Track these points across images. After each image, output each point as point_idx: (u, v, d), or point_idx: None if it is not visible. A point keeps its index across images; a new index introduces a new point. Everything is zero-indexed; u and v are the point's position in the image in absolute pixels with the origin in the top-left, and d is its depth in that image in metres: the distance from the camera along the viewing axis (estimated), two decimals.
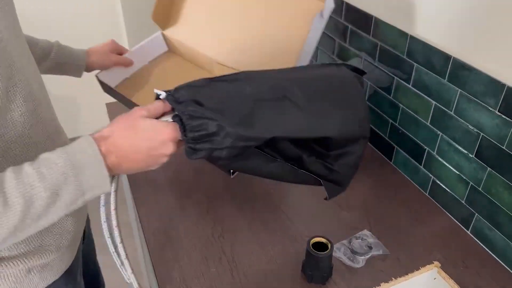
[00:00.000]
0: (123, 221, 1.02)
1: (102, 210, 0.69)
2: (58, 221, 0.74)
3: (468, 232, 1.00)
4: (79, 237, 0.86)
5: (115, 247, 0.73)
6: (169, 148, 0.64)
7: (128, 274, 0.77)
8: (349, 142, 0.78)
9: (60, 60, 1.05)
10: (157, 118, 0.65)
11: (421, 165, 1.11)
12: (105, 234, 0.72)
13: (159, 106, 0.65)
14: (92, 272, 1.10)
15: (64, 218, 0.77)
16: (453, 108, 0.97)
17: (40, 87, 0.75)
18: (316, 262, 0.85)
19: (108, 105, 1.44)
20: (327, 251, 0.85)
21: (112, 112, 1.42)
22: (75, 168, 0.57)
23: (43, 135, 0.73)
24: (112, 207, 0.69)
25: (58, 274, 0.78)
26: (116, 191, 0.66)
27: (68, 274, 0.81)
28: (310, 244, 0.86)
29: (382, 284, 0.88)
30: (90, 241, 1.07)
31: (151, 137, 0.62)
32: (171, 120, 0.65)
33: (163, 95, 0.66)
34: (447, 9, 0.94)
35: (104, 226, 0.71)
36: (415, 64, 1.04)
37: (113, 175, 0.64)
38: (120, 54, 1.19)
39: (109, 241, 0.73)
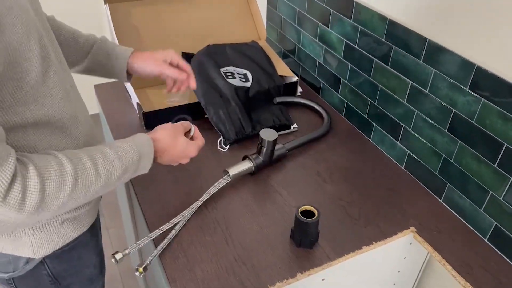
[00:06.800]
0: (109, 202, 1.06)
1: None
2: None
3: (441, 201, 1.10)
4: (100, 198, 1.01)
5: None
6: (192, 153, 0.94)
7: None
8: None
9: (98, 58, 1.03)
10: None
11: (397, 141, 1.19)
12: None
13: (190, 126, 0.98)
14: None
15: None
16: (428, 87, 1.05)
17: (66, 69, 0.84)
18: (305, 228, 0.93)
19: (96, 86, 1.46)
20: (315, 217, 0.92)
21: (100, 94, 1.43)
22: (140, 157, 0.82)
23: (73, 111, 0.82)
24: None
25: (86, 226, 0.92)
26: None
27: (93, 228, 0.95)
28: (299, 212, 0.93)
29: (364, 247, 0.96)
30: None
31: (183, 149, 0.92)
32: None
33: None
34: None
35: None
36: (393, 46, 1.12)
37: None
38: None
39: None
